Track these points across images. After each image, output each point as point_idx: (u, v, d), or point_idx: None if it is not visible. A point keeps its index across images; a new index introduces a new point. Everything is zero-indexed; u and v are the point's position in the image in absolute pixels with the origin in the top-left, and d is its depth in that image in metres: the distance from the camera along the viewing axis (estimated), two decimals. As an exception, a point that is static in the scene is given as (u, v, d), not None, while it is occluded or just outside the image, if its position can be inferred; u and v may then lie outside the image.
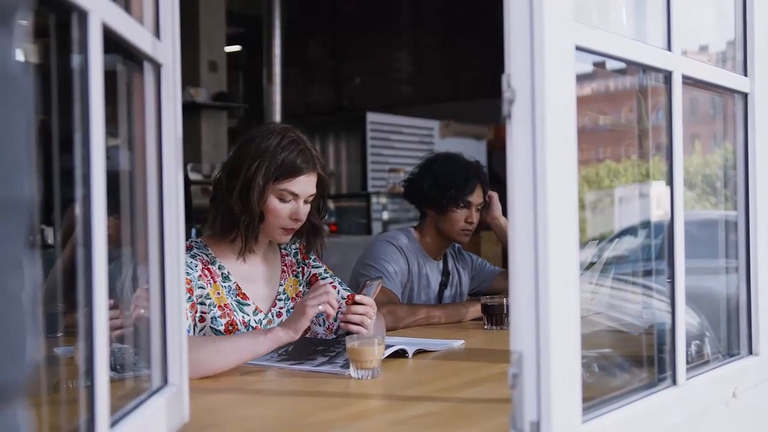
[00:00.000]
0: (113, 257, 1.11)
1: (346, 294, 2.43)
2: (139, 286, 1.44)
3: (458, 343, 2.39)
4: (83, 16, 1.01)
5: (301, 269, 2.45)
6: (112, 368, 1.13)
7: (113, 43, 1.13)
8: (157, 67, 1.36)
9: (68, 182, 1.05)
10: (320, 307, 2.00)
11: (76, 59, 1.03)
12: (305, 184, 2.24)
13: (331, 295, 2.04)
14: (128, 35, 1.18)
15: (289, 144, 2.21)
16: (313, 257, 2.49)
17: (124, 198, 1.37)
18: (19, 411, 0.58)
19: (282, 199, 2.22)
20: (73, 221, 1.09)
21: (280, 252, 2.44)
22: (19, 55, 0.60)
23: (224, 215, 2.23)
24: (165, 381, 1.39)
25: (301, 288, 2.42)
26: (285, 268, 2.41)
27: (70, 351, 1.44)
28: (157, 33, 1.36)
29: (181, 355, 1.41)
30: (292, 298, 2.39)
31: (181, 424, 1.43)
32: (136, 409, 1.24)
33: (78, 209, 1.03)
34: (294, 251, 2.46)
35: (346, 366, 1.93)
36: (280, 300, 2.36)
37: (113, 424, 1.11)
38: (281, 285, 2.38)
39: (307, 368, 1.97)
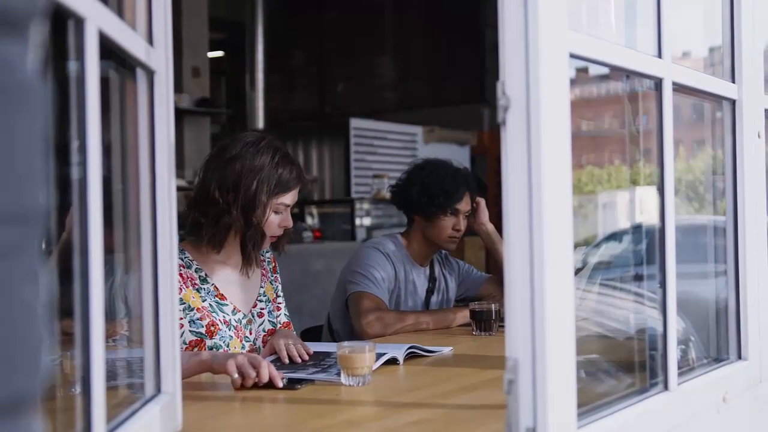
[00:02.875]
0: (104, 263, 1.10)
1: (284, 320, 2.49)
2: (130, 291, 1.44)
3: (447, 350, 2.39)
4: (80, 23, 1.00)
5: (273, 279, 2.53)
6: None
7: (107, 49, 1.12)
8: (150, 74, 1.36)
9: (58, 189, 1.04)
10: (236, 375, 1.85)
11: (72, 65, 1.02)
12: (295, 195, 2.36)
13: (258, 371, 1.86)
14: (123, 42, 1.18)
15: (282, 159, 2.31)
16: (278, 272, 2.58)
17: (116, 205, 1.36)
18: (34, 421, 0.58)
19: (276, 212, 2.32)
20: (64, 228, 1.09)
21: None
22: (33, 65, 0.60)
23: (223, 230, 2.28)
24: (158, 389, 1.38)
25: (275, 294, 2.51)
26: (264, 271, 2.49)
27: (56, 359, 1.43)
28: (150, 40, 1.36)
29: (174, 363, 1.41)
30: (272, 300, 2.47)
31: (174, 433, 1.42)
32: (131, 417, 1.23)
33: (74, 217, 1.02)
34: (267, 260, 2.53)
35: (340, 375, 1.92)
36: (261, 301, 2.43)
37: (109, 433, 1.10)
38: (262, 287, 2.45)
39: (301, 376, 1.96)
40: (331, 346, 2.29)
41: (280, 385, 1.86)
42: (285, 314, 2.53)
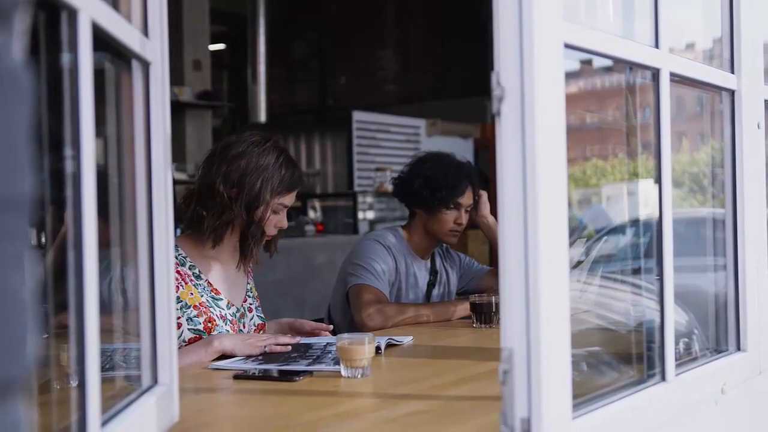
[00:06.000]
0: (100, 258, 1.11)
1: (258, 321, 2.50)
2: (128, 286, 1.44)
3: (407, 339, 2.41)
4: (73, 14, 1.00)
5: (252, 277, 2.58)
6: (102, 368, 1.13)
7: (101, 41, 1.12)
8: (145, 65, 1.36)
9: (55, 182, 1.04)
10: (266, 348, 2.16)
11: (65, 57, 1.02)
12: (294, 197, 2.41)
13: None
14: (117, 33, 1.17)
15: (286, 161, 2.36)
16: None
17: (112, 198, 1.36)
18: (20, 406, 0.58)
19: (275, 212, 2.36)
20: (62, 222, 1.09)
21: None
22: (19, 53, 0.60)
23: (224, 225, 2.31)
24: (155, 380, 1.38)
25: (256, 291, 2.57)
26: (249, 270, 2.53)
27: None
28: (145, 31, 1.36)
29: (171, 354, 1.41)
30: (256, 297, 2.53)
31: (171, 424, 1.42)
32: (127, 408, 1.23)
33: (67, 210, 1.02)
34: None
35: (337, 363, 1.93)
36: (249, 296, 2.49)
37: (104, 423, 1.10)
38: (249, 284, 2.51)
39: (300, 368, 1.97)
40: (315, 338, 2.36)
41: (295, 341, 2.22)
42: (259, 315, 2.54)
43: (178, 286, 2.25)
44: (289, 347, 2.18)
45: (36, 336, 0.60)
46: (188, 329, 2.24)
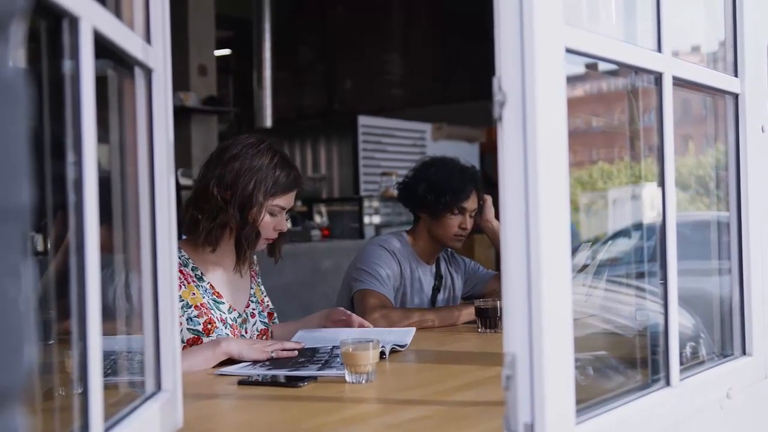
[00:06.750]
0: (105, 265, 1.11)
1: (261, 327, 2.50)
2: (132, 292, 1.44)
3: (410, 333, 2.43)
4: (74, 21, 1.00)
5: (259, 282, 2.58)
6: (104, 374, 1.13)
7: (103, 48, 1.12)
8: (148, 72, 1.36)
9: (59, 189, 1.05)
10: (273, 354, 2.17)
11: (66, 65, 1.02)
12: (292, 199, 2.40)
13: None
14: (119, 40, 1.18)
15: (280, 162, 2.35)
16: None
17: (115, 204, 1.37)
18: (17, 415, 0.58)
19: (272, 214, 2.35)
20: (65, 228, 1.09)
21: None
22: (16, 62, 0.60)
23: (219, 228, 2.31)
24: (158, 387, 1.38)
25: (263, 296, 2.56)
26: (253, 274, 2.54)
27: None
28: (147, 38, 1.36)
29: (174, 361, 1.41)
30: (260, 301, 2.53)
31: (174, 430, 1.42)
32: (130, 414, 1.23)
33: (70, 216, 1.03)
34: (255, 263, 2.59)
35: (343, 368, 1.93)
36: (252, 302, 2.48)
37: (107, 429, 1.10)
38: (252, 289, 2.50)
39: (307, 373, 1.96)
40: (321, 341, 2.37)
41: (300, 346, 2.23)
42: (262, 321, 2.53)
43: (180, 285, 2.25)
44: (296, 352, 2.19)
45: (34, 345, 0.60)
46: (187, 329, 2.25)
